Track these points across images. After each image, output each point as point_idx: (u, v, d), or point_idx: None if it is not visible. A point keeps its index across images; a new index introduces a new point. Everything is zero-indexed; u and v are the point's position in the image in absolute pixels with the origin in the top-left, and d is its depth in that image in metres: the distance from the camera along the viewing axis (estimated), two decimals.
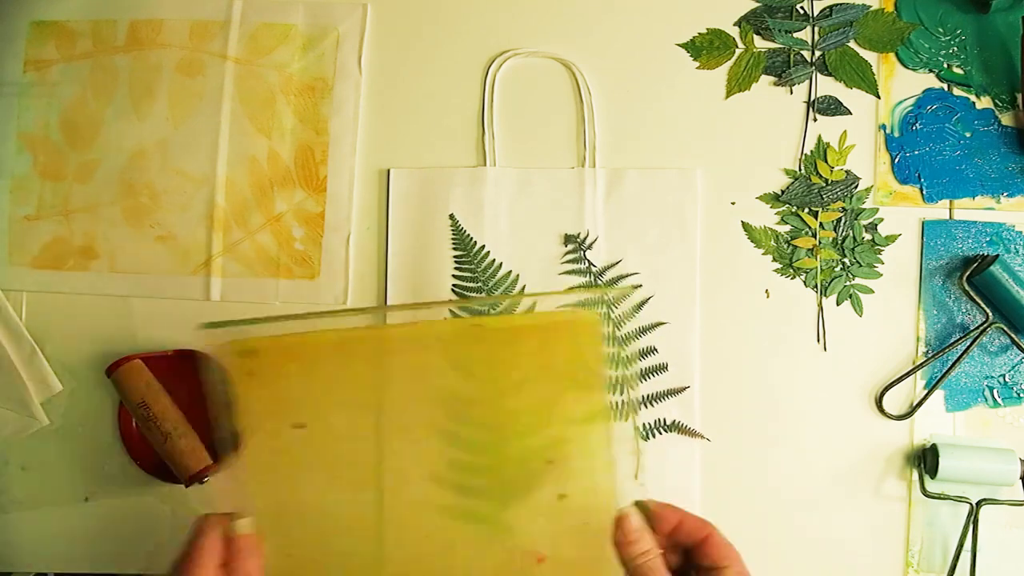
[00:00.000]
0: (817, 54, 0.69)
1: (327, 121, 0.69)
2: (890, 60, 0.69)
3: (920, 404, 0.66)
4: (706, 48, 0.70)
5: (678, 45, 0.70)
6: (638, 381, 0.66)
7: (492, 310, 0.63)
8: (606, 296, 0.67)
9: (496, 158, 0.69)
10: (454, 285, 0.67)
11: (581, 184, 0.68)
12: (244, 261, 0.69)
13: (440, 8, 0.70)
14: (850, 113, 0.69)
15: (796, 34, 0.69)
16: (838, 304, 0.68)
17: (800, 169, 0.68)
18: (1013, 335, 0.66)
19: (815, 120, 0.69)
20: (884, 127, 0.69)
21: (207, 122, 0.69)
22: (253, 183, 0.69)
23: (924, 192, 0.68)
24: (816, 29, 0.69)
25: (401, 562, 0.51)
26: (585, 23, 0.70)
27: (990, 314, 0.65)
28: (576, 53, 0.69)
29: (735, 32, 0.70)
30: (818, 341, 0.68)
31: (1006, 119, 0.68)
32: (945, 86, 0.69)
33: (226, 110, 0.69)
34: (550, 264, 0.67)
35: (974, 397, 0.67)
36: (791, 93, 0.69)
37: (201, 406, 0.66)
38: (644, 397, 0.66)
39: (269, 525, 0.49)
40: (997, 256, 0.65)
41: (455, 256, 0.68)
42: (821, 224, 0.68)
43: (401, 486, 0.50)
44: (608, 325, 0.66)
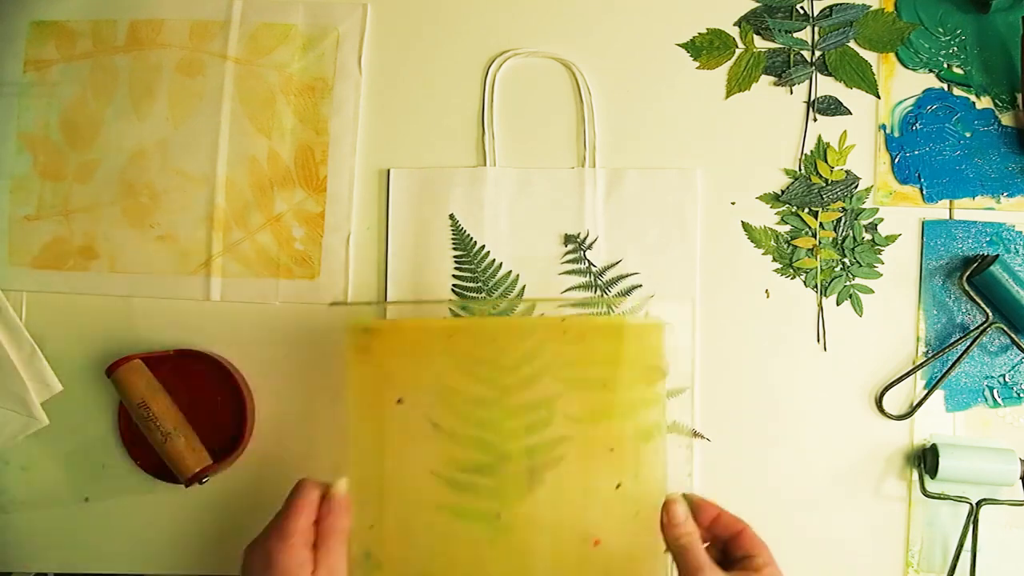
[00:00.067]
0: (817, 54, 0.69)
1: (327, 121, 0.69)
2: (890, 60, 0.69)
3: (920, 404, 0.66)
4: (706, 48, 0.70)
5: (678, 45, 0.70)
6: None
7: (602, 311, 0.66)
8: (605, 294, 0.67)
9: (496, 158, 0.69)
10: (454, 285, 0.67)
11: (581, 184, 0.68)
12: (244, 261, 0.69)
13: (440, 8, 0.70)
14: (850, 113, 0.69)
15: (796, 34, 0.69)
16: (838, 304, 0.68)
17: (800, 169, 0.68)
18: (1013, 335, 0.66)
19: (815, 120, 0.69)
20: (884, 127, 0.69)
21: (207, 122, 0.69)
22: (253, 183, 0.69)
23: (924, 192, 0.68)
24: (816, 29, 0.69)
25: (481, 534, 0.57)
26: (585, 23, 0.70)
27: (990, 314, 0.65)
28: (576, 53, 0.69)
29: (735, 32, 0.70)
30: (818, 341, 0.68)
31: (1006, 119, 0.68)
32: (945, 86, 0.69)
33: (226, 110, 0.69)
34: (550, 264, 0.67)
35: (974, 397, 0.67)
36: (791, 93, 0.69)
37: (201, 406, 0.66)
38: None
39: (357, 494, 0.56)
40: (997, 256, 0.65)
41: (455, 256, 0.68)
42: (821, 224, 0.68)
43: (500, 459, 0.57)
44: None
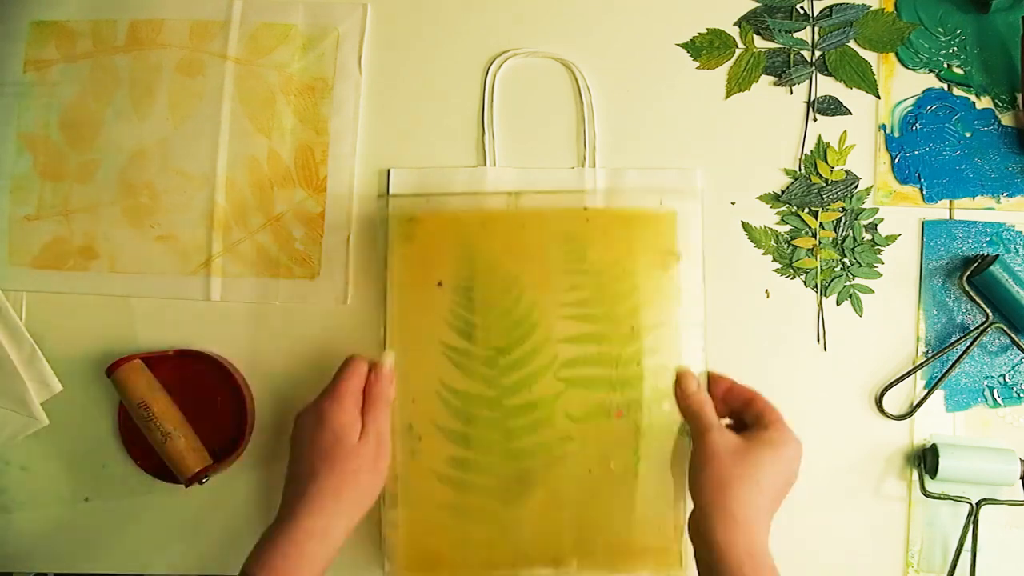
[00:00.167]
0: (817, 54, 0.69)
1: (327, 121, 0.69)
2: (890, 60, 0.69)
3: (920, 404, 0.66)
4: (706, 48, 0.70)
5: (678, 45, 0.70)
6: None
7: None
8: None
9: (496, 158, 0.69)
10: (451, 293, 0.67)
11: (581, 184, 0.68)
12: (244, 261, 0.69)
13: (440, 8, 0.70)
14: (850, 113, 0.69)
15: (796, 34, 0.69)
16: (838, 304, 0.68)
17: (800, 169, 0.68)
18: (1013, 335, 0.66)
19: (815, 120, 0.69)
20: (884, 127, 0.69)
21: (207, 122, 0.69)
22: (253, 183, 0.69)
23: (924, 192, 0.68)
24: (816, 29, 0.69)
25: (516, 394, 0.63)
26: (585, 23, 0.70)
27: (990, 314, 0.65)
28: (576, 53, 0.69)
29: (735, 32, 0.70)
30: (818, 341, 0.68)
31: (1006, 119, 0.68)
32: (945, 86, 0.69)
33: (226, 110, 0.69)
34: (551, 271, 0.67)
35: (974, 397, 0.67)
36: (791, 93, 0.69)
37: (201, 406, 0.66)
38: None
39: (400, 368, 0.62)
40: (997, 256, 0.65)
41: (450, 263, 0.67)
42: (821, 224, 0.68)
43: (534, 328, 0.64)
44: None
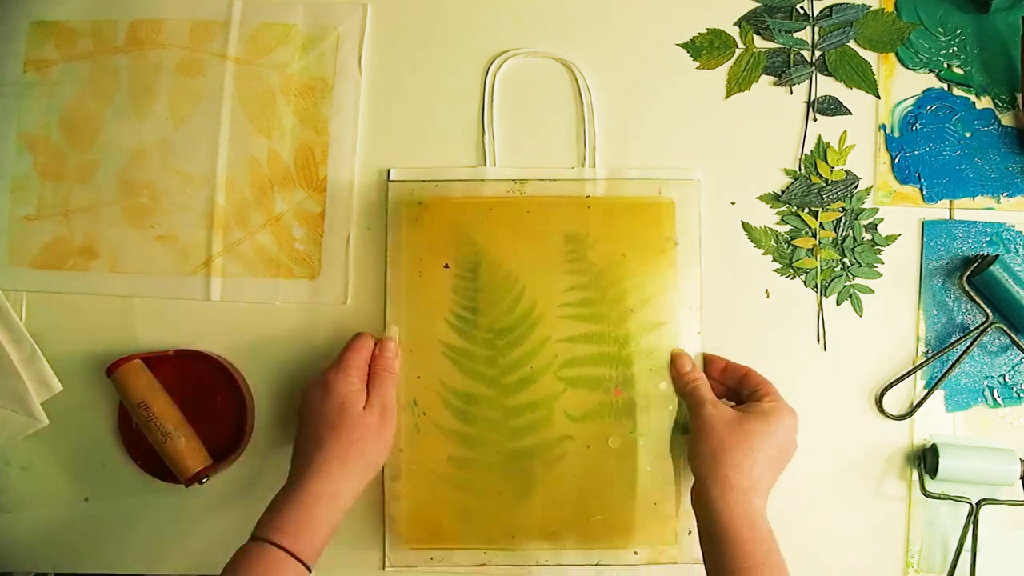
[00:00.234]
0: (817, 54, 0.69)
1: (327, 121, 0.69)
2: (890, 60, 0.69)
3: (920, 404, 0.66)
4: (706, 48, 0.70)
5: (678, 45, 0.70)
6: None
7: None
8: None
9: (496, 158, 0.69)
10: (454, 277, 0.67)
11: (581, 184, 0.68)
12: (244, 261, 0.69)
13: (440, 8, 0.70)
14: (850, 113, 0.69)
15: (796, 34, 0.69)
16: (838, 304, 0.68)
17: (800, 169, 0.68)
18: (1013, 335, 0.66)
19: (815, 120, 0.69)
20: (884, 127, 0.69)
21: (207, 122, 0.69)
22: (253, 183, 0.69)
23: (924, 192, 0.68)
24: (816, 29, 0.69)
25: (515, 376, 0.65)
26: (585, 23, 0.70)
27: (990, 314, 0.65)
28: (576, 53, 0.69)
29: (735, 32, 0.70)
30: (818, 341, 0.68)
31: (1006, 119, 0.68)
32: (945, 86, 0.69)
33: (226, 110, 0.69)
34: (552, 260, 0.67)
35: (974, 397, 0.67)
36: (791, 93, 0.69)
37: (201, 406, 0.66)
38: (649, 392, 0.66)
39: (406, 343, 0.65)
40: (997, 256, 0.65)
41: (455, 246, 0.67)
42: (821, 224, 0.68)
43: (532, 312, 0.66)
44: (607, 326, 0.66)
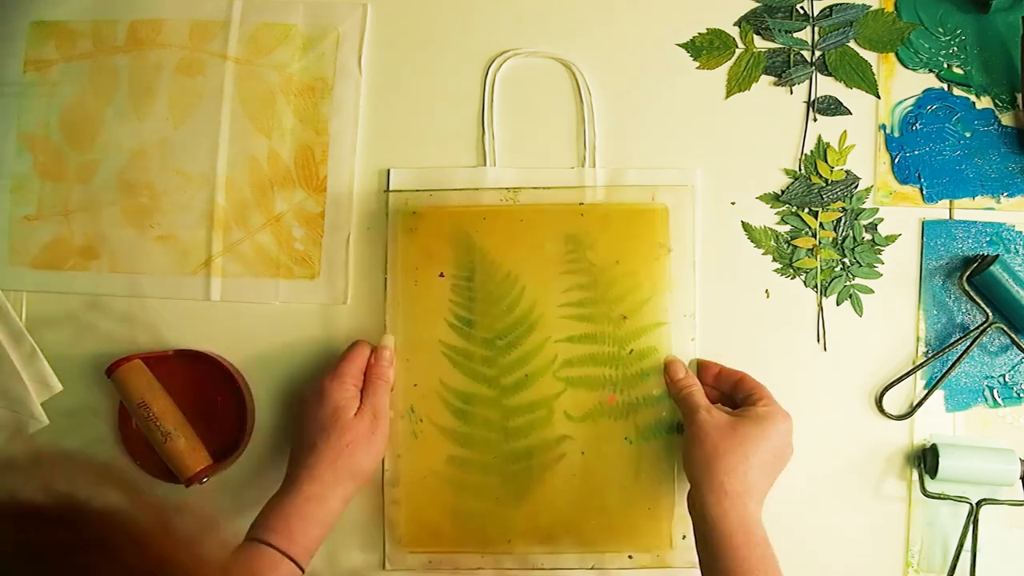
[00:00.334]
0: (817, 54, 0.69)
1: (327, 121, 0.69)
2: (890, 60, 0.69)
3: (920, 404, 0.66)
4: (706, 48, 0.70)
5: (678, 45, 0.70)
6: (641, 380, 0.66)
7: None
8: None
9: (496, 158, 0.69)
10: (451, 285, 0.67)
11: (581, 183, 0.68)
12: (244, 261, 0.69)
13: (440, 8, 0.70)
14: (850, 113, 0.69)
15: (796, 34, 0.69)
16: (838, 304, 0.68)
17: (800, 169, 0.68)
18: (1013, 335, 0.66)
19: (815, 120, 0.69)
20: (884, 127, 0.69)
21: (207, 122, 0.69)
22: (253, 183, 0.69)
23: (924, 192, 0.68)
24: (816, 29, 0.69)
25: (514, 376, 0.66)
26: (585, 23, 0.70)
27: (990, 314, 0.65)
28: (576, 53, 0.69)
29: (735, 32, 0.70)
30: (818, 341, 0.68)
31: (1006, 119, 0.68)
32: (945, 86, 0.69)
33: (226, 110, 0.69)
34: (548, 263, 0.67)
35: (974, 397, 0.67)
36: (791, 93, 0.69)
37: (201, 406, 0.66)
38: (644, 397, 0.66)
39: (402, 353, 0.66)
40: (997, 256, 0.65)
41: (450, 255, 0.67)
42: (821, 224, 0.68)
43: (531, 313, 0.66)
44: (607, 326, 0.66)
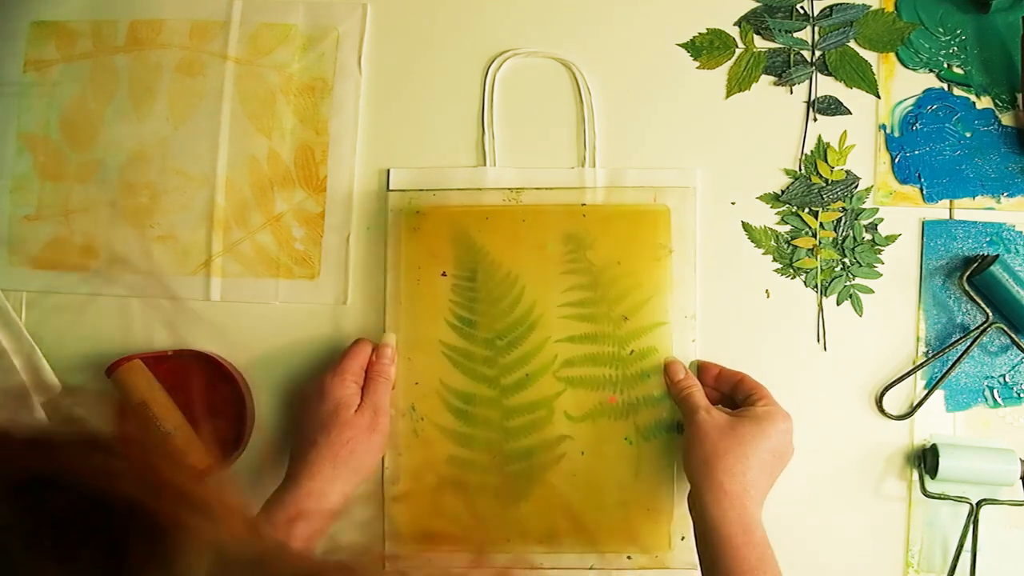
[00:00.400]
0: (817, 54, 0.69)
1: (327, 121, 0.69)
2: (890, 60, 0.69)
3: (920, 404, 0.66)
4: (706, 48, 0.70)
5: (678, 45, 0.70)
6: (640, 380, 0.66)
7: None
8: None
9: (496, 158, 0.69)
10: (452, 284, 0.67)
11: (581, 184, 0.68)
12: (244, 261, 0.69)
13: (440, 8, 0.70)
14: (850, 113, 0.69)
15: (796, 34, 0.69)
16: (838, 304, 0.68)
17: (800, 169, 0.68)
18: (1013, 335, 0.66)
19: (815, 120, 0.69)
20: (884, 127, 0.69)
21: (207, 122, 0.69)
22: (253, 183, 0.69)
23: (924, 192, 0.68)
24: (816, 29, 0.69)
25: (515, 376, 0.66)
26: (585, 23, 0.70)
27: (990, 314, 0.65)
28: (576, 53, 0.69)
29: (735, 32, 0.70)
30: (818, 341, 0.68)
31: (1006, 119, 0.68)
32: (945, 86, 0.69)
33: (226, 110, 0.69)
34: (549, 263, 0.67)
35: (974, 397, 0.67)
36: (791, 93, 0.69)
37: (201, 406, 0.66)
38: (644, 398, 0.66)
39: (403, 351, 0.66)
40: (997, 256, 0.65)
41: (453, 254, 0.67)
42: (821, 224, 0.68)
43: (531, 313, 0.66)
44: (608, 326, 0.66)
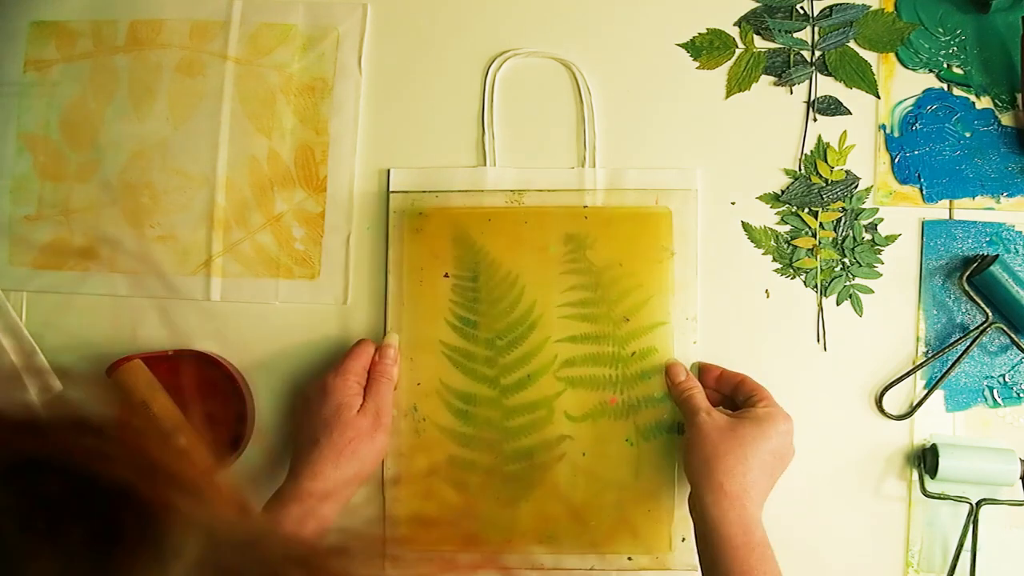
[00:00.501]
0: (817, 54, 0.69)
1: (327, 121, 0.69)
2: (890, 60, 0.69)
3: (920, 404, 0.66)
4: (706, 48, 0.70)
5: (678, 45, 0.70)
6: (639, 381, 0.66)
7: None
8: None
9: (496, 158, 0.69)
10: (454, 285, 0.67)
11: (581, 184, 0.68)
12: (244, 261, 0.69)
13: (440, 8, 0.70)
14: (850, 113, 0.69)
15: (796, 34, 0.69)
16: (838, 304, 0.68)
17: (800, 169, 0.68)
18: (1013, 335, 0.66)
19: (815, 120, 0.69)
20: (884, 127, 0.69)
21: (207, 122, 0.69)
22: (253, 183, 0.69)
23: (924, 192, 0.68)
24: (816, 29, 0.69)
25: (515, 376, 0.66)
26: (585, 23, 0.70)
27: (990, 314, 0.65)
28: (576, 53, 0.69)
29: (735, 32, 0.70)
30: (818, 341, 0.68)
31: (1006, 119, 0.68)
32: (945, 86, 0.69)
33: (226, 110, 0.69)
34: (550, 264, 0.67)
35: (974, 397, 0.67)
36: (791, 93, 0.69)
37: (201, 406, 0.66)
38: (644, 398, 0.66)
39: (406, 352, 0.66)
40: (997, 256, 0.65)
41: (455, 256, 0.67)
42: (821, 224, 0.68)
43: (532, 313, 0.66)
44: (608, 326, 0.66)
